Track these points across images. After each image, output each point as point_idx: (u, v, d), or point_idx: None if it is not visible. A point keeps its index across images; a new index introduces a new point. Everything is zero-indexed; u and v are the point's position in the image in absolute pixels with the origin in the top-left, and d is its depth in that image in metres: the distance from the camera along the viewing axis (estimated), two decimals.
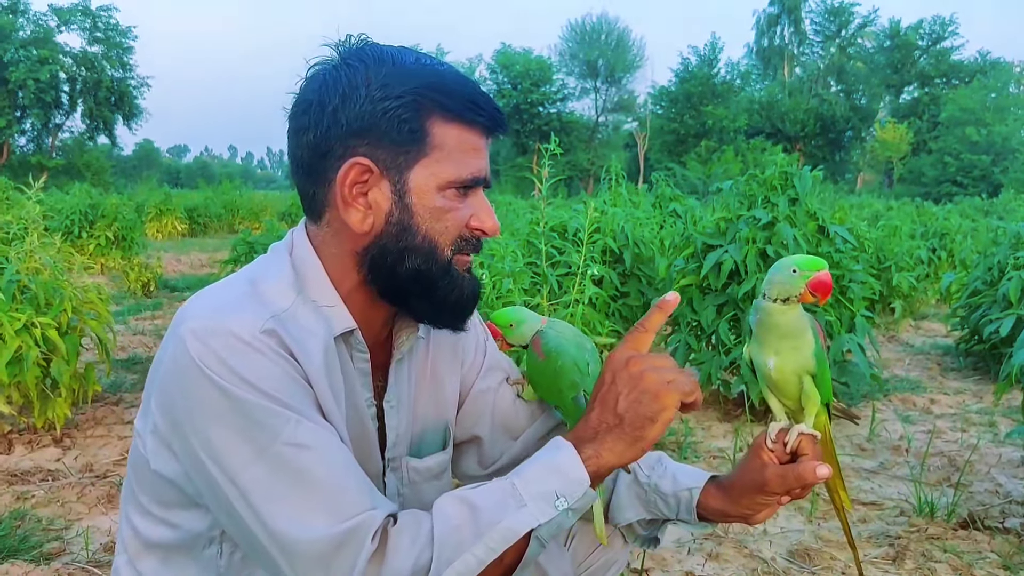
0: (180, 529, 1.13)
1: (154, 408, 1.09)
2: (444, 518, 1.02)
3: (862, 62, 56.88)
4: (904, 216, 12.01)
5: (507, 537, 1.01)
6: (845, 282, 3.97)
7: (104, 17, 45.20)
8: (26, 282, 3.45)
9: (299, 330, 1.10)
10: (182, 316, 1.09)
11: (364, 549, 0.98)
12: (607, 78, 55.27)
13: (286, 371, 1.05)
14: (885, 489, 3.21)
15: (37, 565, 2.40)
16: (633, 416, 1.06)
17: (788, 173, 4.08)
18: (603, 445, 1.07)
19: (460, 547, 1.00)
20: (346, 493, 1.02)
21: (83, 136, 47.08)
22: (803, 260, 1.14)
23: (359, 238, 1.14)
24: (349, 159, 1.11)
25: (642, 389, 1.06)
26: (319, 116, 1.12)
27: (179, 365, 1.03)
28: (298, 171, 1.17)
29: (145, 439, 1.12)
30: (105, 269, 10.44)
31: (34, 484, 3.10)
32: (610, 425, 1.07)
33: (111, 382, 4.49)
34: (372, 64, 1.11)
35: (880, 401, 4.55)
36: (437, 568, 0.98)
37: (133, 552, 1.19)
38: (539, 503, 1.03)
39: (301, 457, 1.01)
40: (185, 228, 19.00)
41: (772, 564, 2.51)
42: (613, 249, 4.71)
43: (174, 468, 1.08)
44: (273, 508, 1.00)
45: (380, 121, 1.10)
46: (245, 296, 1.11)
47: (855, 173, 55.89)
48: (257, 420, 1.01)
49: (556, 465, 1.06)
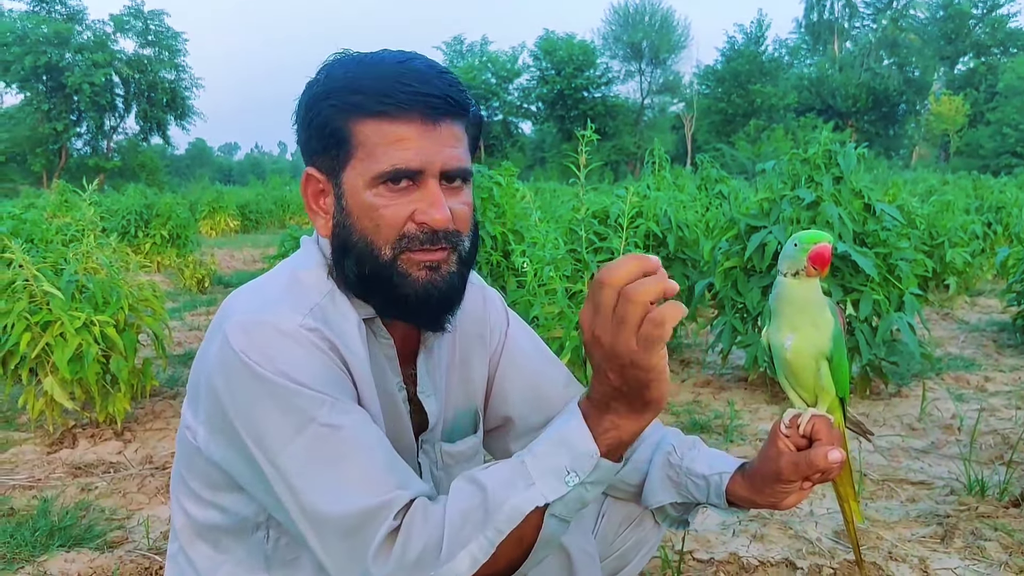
0: (229, 512, 1.19)
1: (203, 398, 1.15)
2: (455, 500, 1.05)
3: (915, 33, 55.51)
4: (959, 191, 11.73)
5: (513, 517, 1.01)
6: (893, 260, 3.91)
7: (156, 21, 46.04)
8: (84, 282, 3.58)
9: (338, 316, 1.16)
10: (226, 311, 1.16)
11: (384, 526, 1.01)
12: (652, 60, 54.73)
13: (324, 362, 1.10)
14: (935, 468, 3.17)
15: (101, 553, 2.50)
16: (627, 379, 0.98)
17: (832, 151, 4.03)
18: (617, 413, 1.02)
19: (471, 530, 1.01)
20: (378, 473, 1.06)
21: (137, 137, 48.07)
22: (806, 234, 1.14)
23: (328, 242, 1.21)
24: (305, 171, 1.20)
25: (621, 358, 0.97)
26: (297, 137, 1.22)
27: (224, 358, 1.09)
28: None
29: (196, 429, 1.17)
30: (161, 267, 10.69)
31: (97, 476, 3.22)
32: (613, 391, 1.01)
33: (168, 377, 4.62)
34: (314, 82, 1.18)
35: (932, 380, 4.48)
36: (449, 550, 1.00)
37: (185, 538, 1.25)
38: (548, 479, 1.02)
39: (336, 437, 1.05)
40: (238, 225, 19.35)
41: (817, 544, 2.51)
42: (656, 233, 4.70)
43: (223, 454, 1.14)
44: (306, 485, 1.04)
45: (313, 133, 1.16)
46: (285, 289, 1.17)
47: (910, 148, 54.65)
48: (295, 405, 1.06)
49: (564, 437, 1.04)
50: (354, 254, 1.15)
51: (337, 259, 1.18)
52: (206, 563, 1.23)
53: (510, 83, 53.74)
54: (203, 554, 1.24)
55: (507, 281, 4.07)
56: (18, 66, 41.29)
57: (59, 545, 2.54)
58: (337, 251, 1.18)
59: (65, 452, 3.47)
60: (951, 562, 2.37)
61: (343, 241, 1.16)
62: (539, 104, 52.71)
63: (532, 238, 3.45)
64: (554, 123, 51.51)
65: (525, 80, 53.79)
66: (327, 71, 1.17)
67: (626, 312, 0.93)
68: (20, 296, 3.34)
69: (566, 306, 3.23)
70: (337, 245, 1.18)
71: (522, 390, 1.42)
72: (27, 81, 42.69)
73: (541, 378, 1.43)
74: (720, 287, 4.14)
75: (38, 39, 41.60)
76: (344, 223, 1.16)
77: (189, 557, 1.25)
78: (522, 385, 1.42)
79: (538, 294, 3.32)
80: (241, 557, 1.20)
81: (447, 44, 57.37)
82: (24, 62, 40.99)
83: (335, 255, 1.19)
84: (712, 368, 4.82)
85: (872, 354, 3.85)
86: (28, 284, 3.36)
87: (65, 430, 3.65)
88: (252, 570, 1.19)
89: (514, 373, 1.43)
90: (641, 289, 0.93)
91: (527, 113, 54.44)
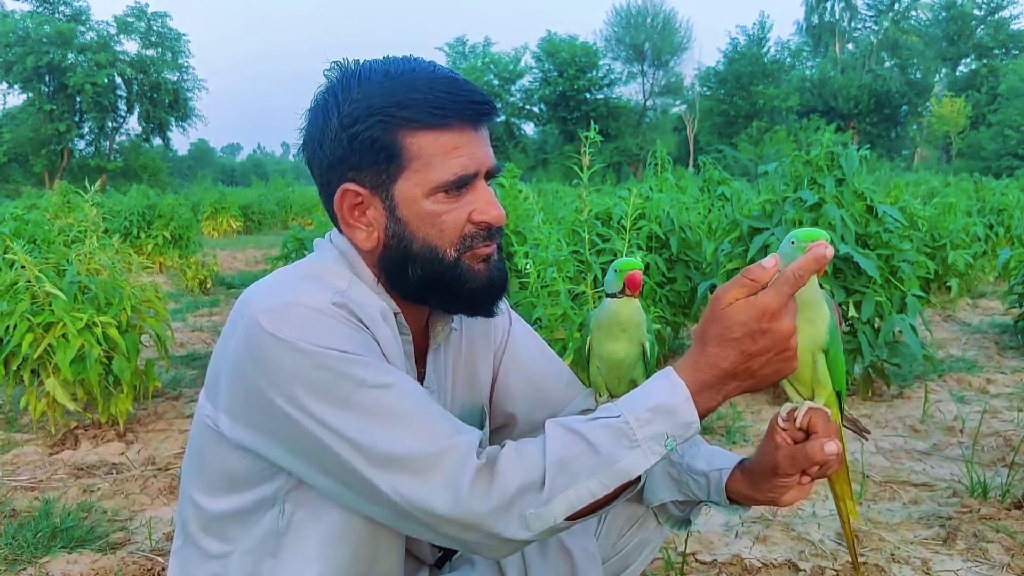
0: (246, 496, 1.20)
1: (225, 387, 1.16)
2: (560, 445, 1.08)
3: (916, 35, 55.48)
4: (961, 192, 11.72)
5: (621, 477, 1.07)
6: (895, 262, 3.91)
7: (159, 22, 46.07)
8: (87, 283, 3.58)
9: (361, 305, 1.18)
10: (245, 304, 1.17)
11: (470, 462, 1.06)
12: (654, 61, 54.68)
13: (358, 333, 1.14)
14: (937, 470, 3.17)
15: (104, 554, 2.50)
16: (767, 372, 1.09)
17: (834, 153, 4.03)
18: (724, 391, 1.10)
19: (576, 476, 1.06)
20: (435, 421, 1.11)
21: (139, 138, 48.07)
22: (803, 232, 1.13)
23: (370, 252, 1.22)
24: (340, 186, 1.19)
25: (782, 347, 1.08)
26: (312, 151, 1.22)
27: (253, 343, 1.10)
28: (320, 194, 1.26)
29: (217, 417, 1.18)
30: (163, 268, 10.71)
31: (99, 477, 3.22)
32: (741, 376, 1.09)
33: (171, 378, 4.63)
34: (341, 94, 1.18)
35: (934, 382, 4.48)
36: (550, 490, 1.05)
37: (192, 532, 1.26)
38: (651, 444, 1.08)
39: (387, 395, 1.09)
40: (240, 226, 19.36)
41: (820, 546, 2.51)
42: (659, 235, 4.70)
43: (252, 436, 1.15)
44: (373, 438, 1.07)
45: (354, 148, 1.16)
46: (306, 278, 1.20)
47: (912, 149, 54.64)
48: (339, 371, 1.09)
49: (670, 407, 1.08)
50: (419, 260, 1.20)
51: (393, 267, 1.21)
52: (213, 555, 1.23)
53: (512, 84, 53.72)
54: (209, 547, 1.24)
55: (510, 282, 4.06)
56: (20, 66, 41.30)
57: (61, 546, 2.54)
58: (394, 260, 1.21)
59: (67, 453, 3.47)
60: (953, 564, 2.37)
61: (403, 250, 1.20)
62: (541, 105, 52.69)
63: (535, 239, 3.45)
64: (556, 124, 51.49)
65: (527, 81, 53.79)
66: (358, 87, 1.17)
67: (786, 374, 1.11)
68: (22, 297, 3.35)
69: (569, 307, 3.23)
70: (394, 255, 1.21)
71: (525, 388, 1.45)
72: (29, 81, 42.69)
73: (544, 376, 1.46)
74: None
75: (40, 39, 41.61)
76: (401, 233, 1.19)
77: (194, 551, 1.26)
78: (525, 383, 1.45)
79: (541, 295, 3.32)
80: (248, 546, 1.20)
81: (449, 46, 57.31)
82: (26, 62, 40.99)
83: (388, 264, 1.22)
84: None
85: (874, 355, 3.84)
86: (30, 285, 3.37)
87: (67, 431, 3.65)
88: (260, 558, 1.19)
89: (517, 371, 1.45)
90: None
91: (529, 114, 54.41)
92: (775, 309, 1.05)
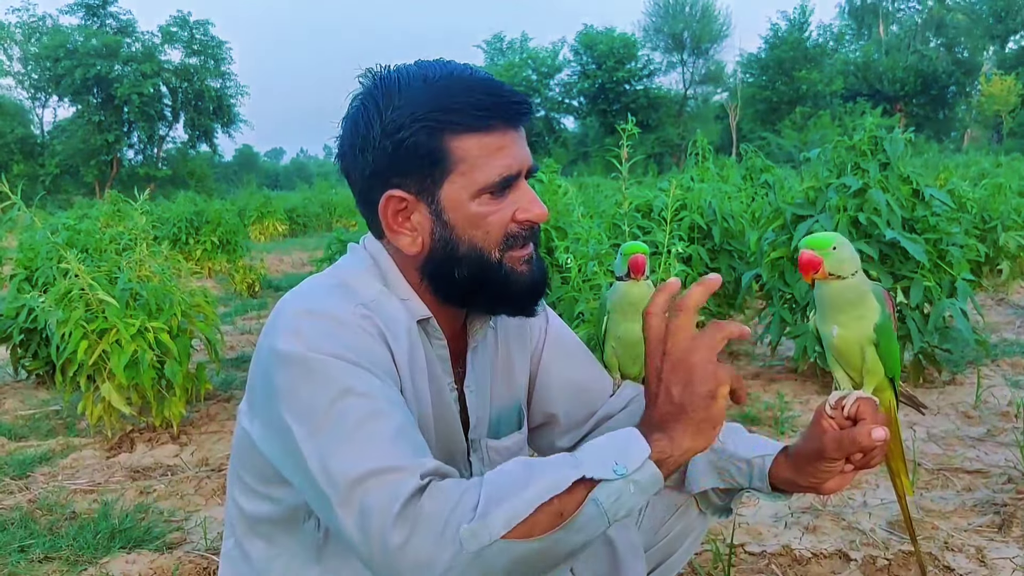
0: (281, 503, 1.22)
1: (252, 391, 1.20)
2: (498, 471, 1.04)
3: (962, 13, 54.21)
4: (1013, 172, 11.42)
5: (558, 483, 0.99)
6: (944, 246, 3.84)
7: (201, 30, 46.74)
8: (138, 289, 3.66)
9: (386, 317, 1.18)
10: (279, 310, 1.19)
11: (408, 484, 1.00)
12: (693, 50, 54.07)
13: (373, 345, 1.14)
14: (992, 456, 3.12)
15: (161, 553, 2.56)
16: (692, 400, 1.05)
17: (878, 137, 3.97)
18: (673, 433, 1.05)
19: (509, 490, 0.99)
20: (405, 445, 1.05)
21: (186, 146, 48.84)
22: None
23: (414, 257, 1.23)
24: (384, 193, 1.19)
25: (690, 371, 1.05)
26: (352, 160, 1.22)
27: (276, 350, 1.12)
28: (357, 201, 1.27)
29: (252, 422, 1.21)
30: (212, 273, 10.88)
31: (155, 479, 3.29)
32: (674, 415, 1.06)
33: (222, 380, 4.71)
34: (382, 100, 1.18)
35: (987, 367, 4.39)
36: (485, 507, 0.98)
37: (240, 534, 1.29)
38: (595, 464, 1.01)
39: (368, 407, 1.06)
40: (286, 229, 19.56)
41: (871, 535, 2.48)
42: (701, 225, 4.67)
43: (268, 445, 1.17)
44: (334, 449, 1.04)
45: (399, 155, 1.17)
46: (335, 287, 1.21)
47: (961, 131, 53.41)
48: (333, 377, 1.08)
49: (616, 442, 1.05)
50: (466, 263, 1.20)
51: (439, 271, 1.22)
52: (261, 558, 1.26)
53: (551, 79, 53.55)
54: (258, 549, 1.27)
55: (551, 278, 4.07)
56: (69, 79, 42.20)
57: (120, 547, 2.61)
58: (441, 263, 1.22)
59: (124, 456, 3.56)
60: (1009, 551, 2.33)
61: (450, 254, 1.20)
62: (581, 99, 52.46)
63: (575, 234, 3.45)
64: (596, 117, 51.20)
65: (566, 75, 53.53)
66: (399, 93, 1.17)
67: (720, 392, 1.05)
68: (77, 305, 3.43)
69: None
70: (440, 258, 1.21)
71: (565, 386, 1.45)
72: (78, 94, 43.57)
73: (583, 374, 1.46)
74: (767, 278, 4.10)
75: (88, 52, 42.48)
76: (448, 237, 1.20)
77: (244, 553, 1.28)
78: (564, 381, 1.45)
79: (583, 290, 3.32)
80: (295, 551, 1.23)
81: (487, 43, 57.37)
82: (75, 75, 41.87)
83: (435, 268, 1.22)
84: (761, 360, 4.78)
85: (924, 342, 3.78)
86: (84, 293, 3.45)
87: (123, 434, 3.74)
88: (305, 563, 1.22)
89: (556, 370, 1.45)
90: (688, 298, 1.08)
91: (569, 108, 54.21)
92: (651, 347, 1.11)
